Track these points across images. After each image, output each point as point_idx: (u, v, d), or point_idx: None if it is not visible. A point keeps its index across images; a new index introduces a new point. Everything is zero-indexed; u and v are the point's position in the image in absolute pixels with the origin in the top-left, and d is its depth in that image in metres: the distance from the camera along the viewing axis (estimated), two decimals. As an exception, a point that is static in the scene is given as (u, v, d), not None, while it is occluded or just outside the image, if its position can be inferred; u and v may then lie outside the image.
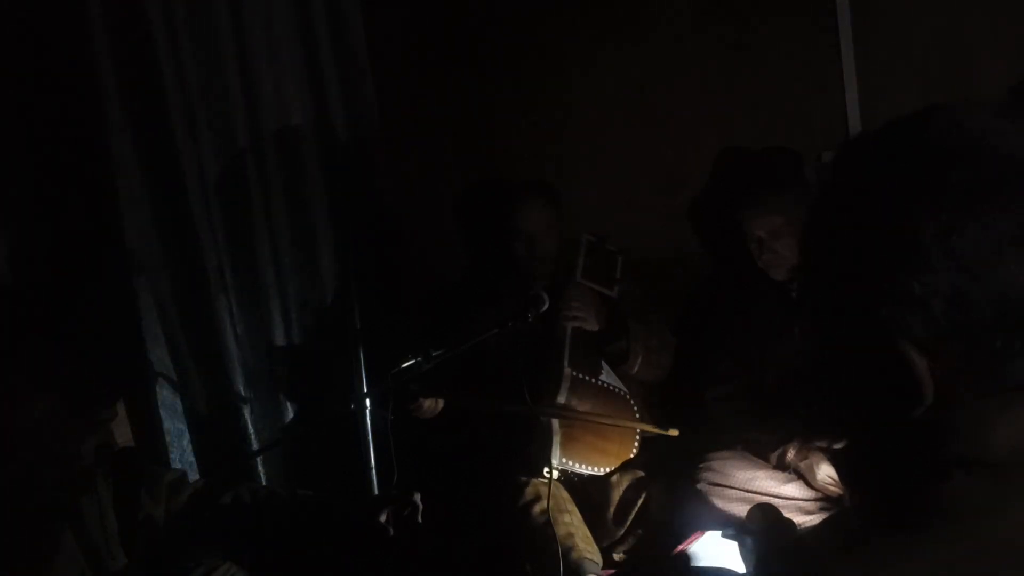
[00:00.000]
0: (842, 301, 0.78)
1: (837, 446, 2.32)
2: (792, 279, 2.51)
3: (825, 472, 2.30)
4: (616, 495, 2.42)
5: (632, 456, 2.47)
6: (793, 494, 2.31)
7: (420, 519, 1.95)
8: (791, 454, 2.35)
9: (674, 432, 2.39)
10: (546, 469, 2.35)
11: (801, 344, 2.46)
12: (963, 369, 0.74)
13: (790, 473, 2.37)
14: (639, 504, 2.41)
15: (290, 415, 2.77)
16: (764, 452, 2.42)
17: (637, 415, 2.50)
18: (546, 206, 2.70)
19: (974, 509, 0.69)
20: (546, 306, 2.39)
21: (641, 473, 2.45)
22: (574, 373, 2.42)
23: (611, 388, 2.49)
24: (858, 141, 0.81)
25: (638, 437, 2.48)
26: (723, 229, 2.68)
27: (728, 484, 2.36)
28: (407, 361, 2.21)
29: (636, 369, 2.55)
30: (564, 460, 2.37)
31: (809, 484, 2.32)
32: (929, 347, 0.74)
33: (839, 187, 0.80)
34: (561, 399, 2.38)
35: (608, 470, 2.44)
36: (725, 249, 2.74)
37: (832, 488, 2.29)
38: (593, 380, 2.46)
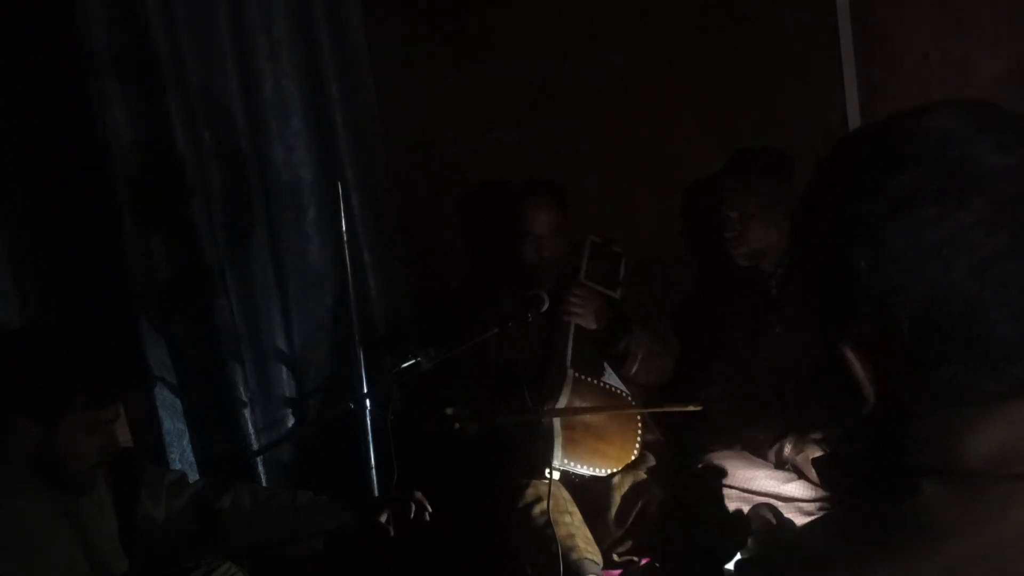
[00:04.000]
0: (803, 300, 0.81)
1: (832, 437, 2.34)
2: (754, 266, 2.55)
3: None
4: (617, 496, 2.42)
5: (633, 458, 2.47)
6: (793, 494, 2.32)
7: (426, 517, 1.96)
8: (788, 449, 2.36)
9: (697, 407, 2.37)
10: (547, 470, 2.35)
11: (783, 340, 2.50)
12: (913, 376, 0.72)
13: (789, 469, 2.37)
14: (640, 506, 2.41)
15: (290, 415, 2.77)
16: (762, 450, 2.42)
17: (638, 417, 2.50)
18: (555, 207, 2.70)
19: (944, 523, 0.67)
20: (546, 306, 2.40)
21: (643, 475, 2.45)
22: (576, 374, 2.43)
23: (613, 389, 2.49)
24: (836, 144, 0.81)
25: (639, 439, 2.48)
26: (703, 226, 2.71)
27: (728, 484, 2.36)
28: (407, 361, 2.21)
29: (634, 371, 2.55)
30: (566, 461, 2.37)
31: (808, 481, 2.33)
32: (870, 347, 0.74)
33: (810, 187, 0.81)
34: (563, 400, 2.38)
35: (609, 471, 2.44)
36: (709, 247, 2.76)
37: None
38: (595, 381, 2.46)
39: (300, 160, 2.81)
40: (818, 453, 2.31)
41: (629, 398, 2.50)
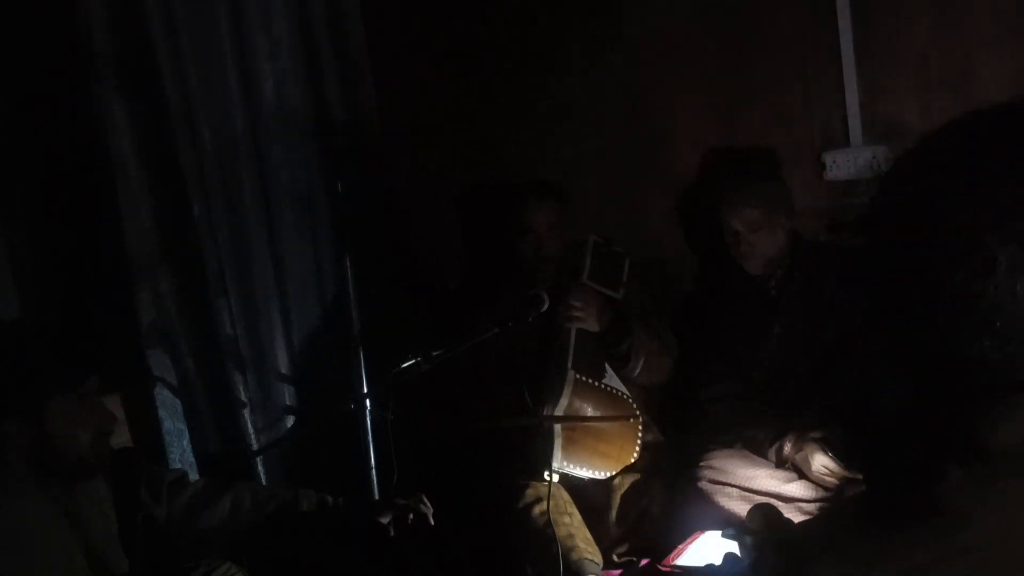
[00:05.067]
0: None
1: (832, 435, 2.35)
2: (767, 273, 2.57)
3: (820, 463, 2.31)
4: (618, 497, 2.42)
5: (633, 460, 2.46)
6: (794, 494, 2.32)
7: (429, 520, 1.96)
8: (788, 448, 2.37)
9: (636, 417, 2.44)
10: (546, 472, 2.34)
11: (782, 340, 2.52)
12: (950, 361, 0.74)
13: (789, 467, 2.38)
14: (640, 507, 2.41)
15: (290, 415, 2.76)
16: (762, 449, 2.43)
17: (639, 418, 2.49)
18: (552, 205, 2.72)
19: (963, 508, 0.68)
20: (546, 306, 2.40)
21: (643, 476, 2.45)
22: (577, 375, 2.42)
23: (613, 391, 2.48)
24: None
25: (639, 441, 2.47)
26: (703, 226, 2.71)
27: (729, 482, 2.37)
28: (407, 361, 2.21)
29: (637, 372, 2.55)
30: (565, 463, 2.37)
31: (808, 479, 2.33)
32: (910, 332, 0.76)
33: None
34: (564, 401, 2.38)
35: (609, 474, 2.44)
36: (707, 248, 2.76)
37: (828, 479, 2.31)
38: (596, 383, 2.46)
39: (300, 160, 2.81)
40: (817, 452, 2.31)
41: (630, 400, 2.49)
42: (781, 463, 2.39)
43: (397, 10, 3.12)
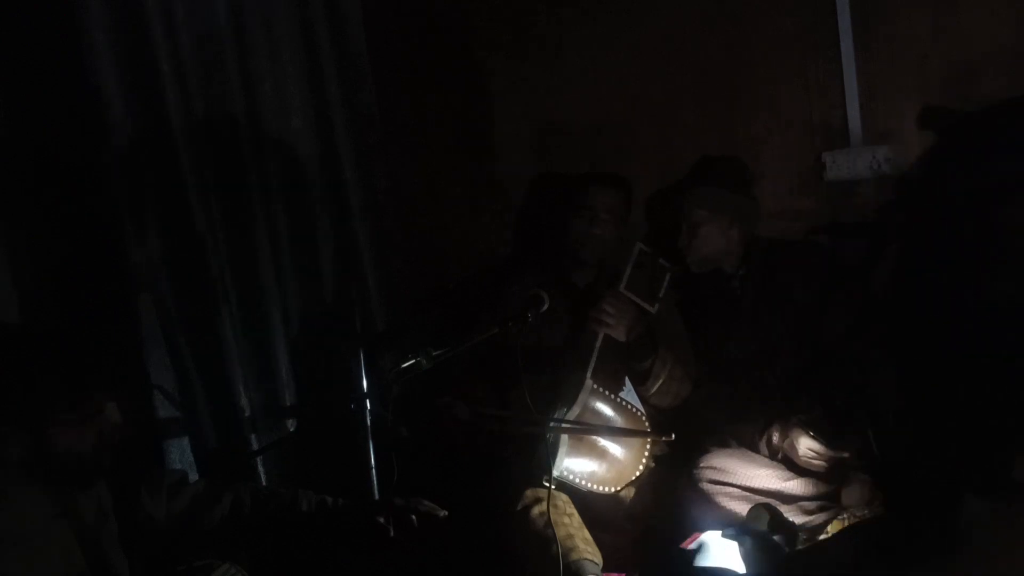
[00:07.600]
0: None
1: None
2: (718, 268, 2.65)
3: (806, 446, 2.33)
4: (628, 511, 2.42)
5: (635, 476, 2.44)
6: (794, 492, 2.32)
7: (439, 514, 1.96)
8: (776, 437, 2.38)
9: (647, 436, 2.41)
10: (545, 479, 2.32)
11: (753, 335, 2.58)
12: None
13: (781, 458, 2.38)
14: (648, 519, 2.41)
15: (290, 415, 2.76)
16: (753, 443, 2.44)
17: (650, 437, 2.47)
18: (613, 190, 2.74)
19: (988, 548, 0.62)
20: (546, 306, 2.38)
21: (649, 488, 2.45)
22: (594, 385, 2.39)
23: (628, 406, 2.44)
24: None
25: (645, 457, 2.44)
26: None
27: (729, 482, 2.37)
28: (407, 361, 2.21)
29: (652, 392, 2.52)
30: (567, 472, 2.35)
31: (799, 468, 2.34)
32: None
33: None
34: (577, 409, 2.35)
35: (611, 489, 2.40)
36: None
37: (815, 462, 2.32)
38: (612, 395, 2.42)
39: (300, 160, 2.81)
40: (802, 435, 2.34)
41: (643, 417, 2.45)
42: (773, 454, 2.40)
43: (397, 10, 3.12)
